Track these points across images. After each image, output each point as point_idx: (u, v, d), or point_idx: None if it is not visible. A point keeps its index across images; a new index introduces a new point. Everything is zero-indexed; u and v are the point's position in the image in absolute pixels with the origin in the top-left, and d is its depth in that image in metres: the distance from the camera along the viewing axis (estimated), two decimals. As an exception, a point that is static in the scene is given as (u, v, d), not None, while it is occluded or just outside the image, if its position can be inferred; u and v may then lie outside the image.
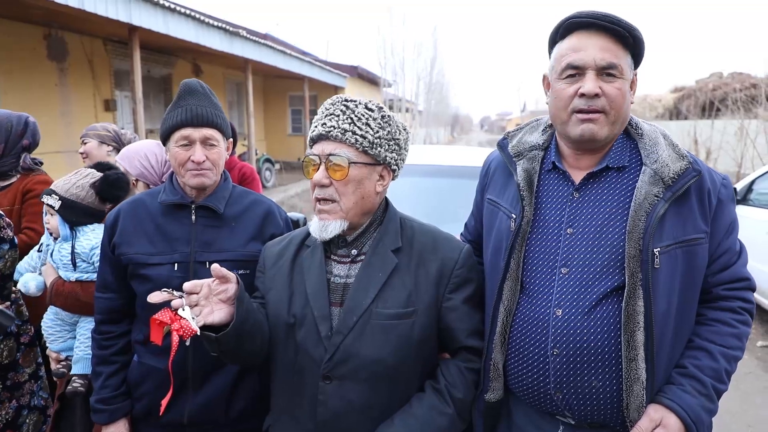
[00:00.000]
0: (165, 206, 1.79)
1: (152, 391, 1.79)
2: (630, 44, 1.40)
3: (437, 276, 1.49)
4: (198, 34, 10.48)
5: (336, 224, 1.45)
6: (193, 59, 14.70)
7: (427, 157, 4.34)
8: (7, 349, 2.29)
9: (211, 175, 1.77)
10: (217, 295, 1.35)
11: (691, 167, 1.39)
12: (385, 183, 1.51)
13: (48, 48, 10.10)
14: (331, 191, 1.44)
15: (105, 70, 11.60)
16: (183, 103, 1.74)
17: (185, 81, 1.81)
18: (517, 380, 1.49)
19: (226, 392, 1.78)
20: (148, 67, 12.63)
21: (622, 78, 1.38)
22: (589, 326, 1.38)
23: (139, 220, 1.78)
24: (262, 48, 13.76)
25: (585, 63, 1.38)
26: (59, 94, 10.39)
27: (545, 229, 1.47)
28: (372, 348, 1.42)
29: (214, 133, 1.76)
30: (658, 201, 1.36)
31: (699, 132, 15.45)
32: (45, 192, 2.18)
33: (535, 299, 1.45)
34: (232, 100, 18.12)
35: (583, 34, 1.40)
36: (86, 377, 2.12)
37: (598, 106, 1.38)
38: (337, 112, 1.45)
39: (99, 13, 7.65)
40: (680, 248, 1.37)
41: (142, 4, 8.64)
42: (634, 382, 1.35)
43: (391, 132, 1.48)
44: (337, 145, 1.43)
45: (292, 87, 19.87)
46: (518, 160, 1.56)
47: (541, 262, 1.46)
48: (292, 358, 1.49)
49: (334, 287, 1.49)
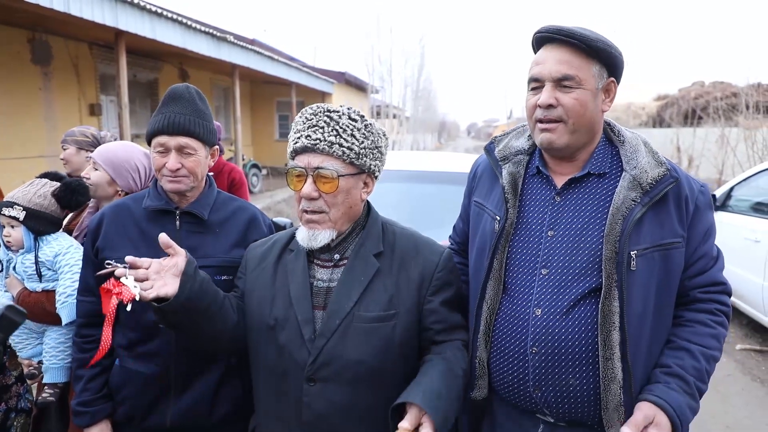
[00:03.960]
0: (149, 212, 1.80)
1: (134, 395, 1.80)
2: (596, 54, 1.44)
3: (419, 279, 1.51)
4: (185, 39, 10.46)
5: (326, 233, 1.48)
6: (179, 64, 14.66)
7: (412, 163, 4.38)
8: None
9: (187, 182, 1.77)
10: (169, 270, 1.41)
11: (669, 174, 1.44)
12: (369, 189, 1.54)
13: (32, 52, 10.01)
14: (321, 203, 1.46)
15: (90, 75, 11.52)
16: (164, 110, 1.75)
17: (173, 86, 1.81)
18: (499, 377, 1.54)
19: (208, 396, 1.79)
20: (134, 72, 12.57)
21: (581, 88, 1.44)
22: (567, 326, 1.43)
23: (122, 225, 1.79)
24: (249, 53, 13.75)
25: (542, 75, 1.46)
26: (43, 99, 10.30)
27: (527, 232, 1.52)
28: (354, 350, 1.45)
29: (191, 141, 1.75)
30: (635, 205, 1.41)
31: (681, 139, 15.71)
32: (2, 204, 2.13)
33: (516, 299, 1.50)
34: (219, 105, 18.07)
35: (548, 48, 1.47)
36: (57, 386, 2.12)
37: (554, 116, 1.45)
38: (321, 123, 1.45)
39: (85, 17, 7.62)
40: (657, 251, 1.42)
41: (129, 8, 8.62)
42: (611, 381, 1.39)
43: (374, 141, 1.50)
44: (324, 158, 1.44)
45: (280, 93, 19.86)
46: (504, 163, 1.61)
47: (522, 263, 1.51)
48: (275, 360, 1.51)
49: (317, 291, 1.51)
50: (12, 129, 9.45)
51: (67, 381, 2.13)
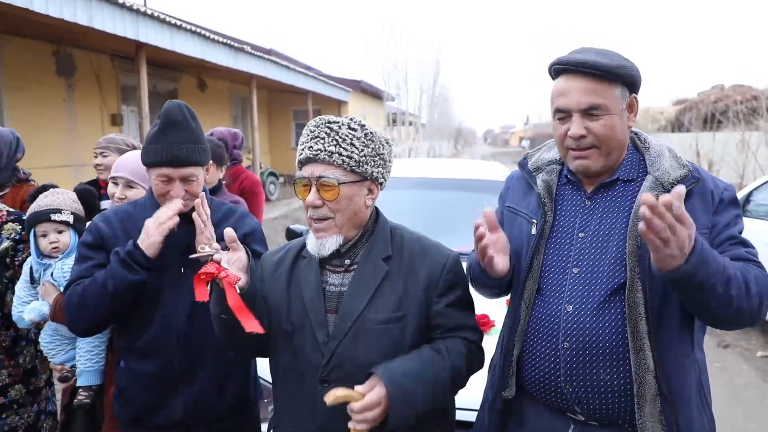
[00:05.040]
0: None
1: (141, 394, 1.87)
2: (618, 78, 1.49)
3: (426, 281, 1.56)
4: (203, 49, 10.65)
5: (332, 240, 1.54)
6: (198, 74, 14.89)
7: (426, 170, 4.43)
8: (29, 354, 2.39)
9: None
10: (234, 264, 1.48)
11: (690, 174, 1.51)
12: (374, 196, 1.58)
13: (56, 64, 10.27)
14: (325, 210, 1.52)
15: (112, 86, 11.78)
16: (164, 139, 1.78)
17: (166, 109, 1.83)
18: (531, 374, 1.60)
19: (214, 388, 1.87)
20: (154, 83, 12.80)
21: (609, 113, 1.49)
22: (598, 321, 1.49)
23: (127, 231, 1.86)
24: (266, 63, 13.93)
25: (569, 107, 1.51)
26: (67, 109, 10.55)
27: (560, 234, 1.61)
28: (366, 352, 1.50)
29: (193, 170, 1.82)
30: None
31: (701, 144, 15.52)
32: (46, 212, 2.19)
33: (549, 297, 1.58)
34: (237, 114, 18.31)
35: (569, 77, 1.52)
36: (91, 388, 2.19)
37: (587, 144, 1.52)
38: (321, 134, 1.52)
39: (107, 31, 7.82)
40: None
41: (149, 21, 8.82)
42: (645, 372, 1.45)
43: (375, 148, 1.55)
44: (325, 167, 1.50)
45: (296, 101, 20.05)
46: (537, 173, 1.70)
47: (555, 263, 1.59)
48: (292, 363, 1.57)
49: (330, 295, 1.57)
50: (38, 139, 9.68)
51: (100, 383, 2.21)
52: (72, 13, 7.15)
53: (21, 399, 2.35)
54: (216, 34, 11.80)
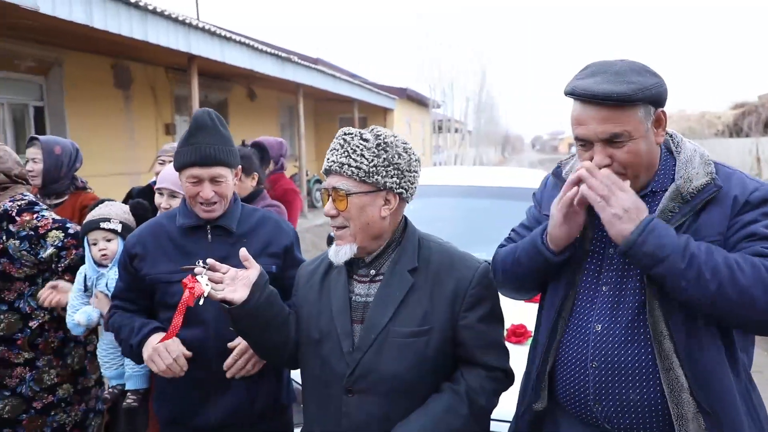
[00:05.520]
0: (183, 228, 1.94)
1: (178, 398, 1.93)
2: (636, 101, 1.39)
3: (452, 295, 1.55)
4: (252, 60, 10.93)
5: (346, 248, 1.55)
6: (248, 84, 15.28)
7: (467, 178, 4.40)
8: (77, 355, 2.51)
9: (219, 208, 1.91)
10: (242, 280, 1.58)
11: (712, 183, 1.44)
12: (391, 207, 1.56)
13: (115, 77, 10.76)
14: (340, 220, 1.55)
15: (166, 96, 12.23)
16: (193, 141, 1.86)
17: (196, 114, 1.93)
18: (562, 390, 1.58)
19: (247, 396, 1.91)
20: (205, 93, 13.21)
21: (632, 139, 1.42)
22: (625, 340, 1.46)
23: (160, 242, 1.93)
24: (312, 72, 14.17)
25: (588, 137, 1.45)
26: (124, 120, 11.02)
27: (595, 250, 1.57)
28: (389, 364, 1.51)
29: (222, 170, 1.88)
30: (672, 216, 1.43)
31: (762, 149, 14.83)
32: (97, 220, 2.29)
33: (581, 315, 1.55)
34: (285, 122, 18.67)
35: (584, 105, 1.43)
36: (138, 392, 2.26)
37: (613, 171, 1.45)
38: (336, 146, 1.55)
39: (161, 44, 8.14)
40: None
41: (201, 34, 9.12)
42: (680, 391, 1.40)
43: (387, 158, 1.53)
44: (338, 178, 1.54)
45: (343, 109, 20.28)
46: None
47: (589, 280, 1.56)
48: (319, 372, 1.59)
49: (356, 305, 1.58)
50: (97, 148, 10.14)
51: (147, 387, 2.28)
52: (129, 28, 7.48)
53: (69, 398, 2.46)
54: (264, 45, 12.10)
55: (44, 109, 9.75)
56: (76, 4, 6.56)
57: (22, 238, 2.32)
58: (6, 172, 2.41)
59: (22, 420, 2.37)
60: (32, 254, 2.33)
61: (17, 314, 2.37)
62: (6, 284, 2.34)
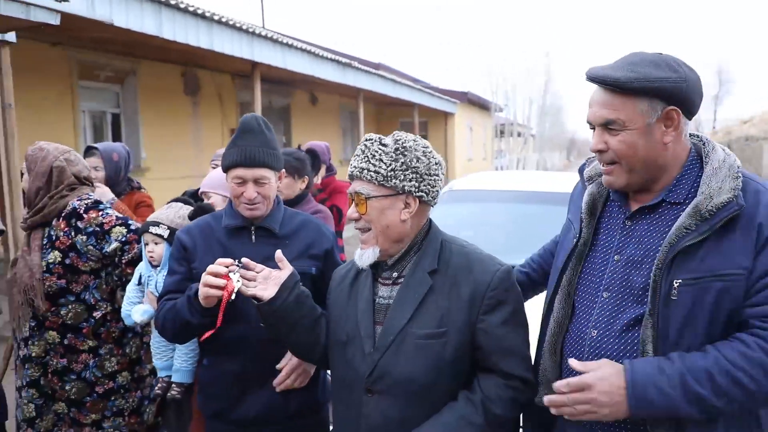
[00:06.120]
0: (229, 229, 2.03)
1: (221, 392, 2.02)
2: (638, 91, 1.36)
3: (469, 298, 1.54)
4: (313, 66, 11.22)
5: (369, 252, 1.60)
6: (310, 89, 15.66)
7: (516, 183, 4.36)
8: (135, 345, 2.69)
9: (262, 208, 1.99)
10: (275, 280, 1.68)
11: (734, 201, 1.33)
12: (411, 210, 1.58)
13: (184, 84, 11.32)
14: (362, 223, 1.60)
15: (231, 102, 12.74)
16: (240, 143, 1.96)
17: (244, 118, 2.02)
18: None
19: (283, 393, 1.98)
20: (269, 98, 13.65)
21: (626, 130, 1.40)
22: (618, 348, 1.43)
23: (207, 241, 2.03)
24: (373, 77, 14.37)
25: (589, 120, 1.48)
26: (192, 125, 11.57)
27: (598, 254, 1.55)
28: (406, 366, 1.53)
29: (265, 172, 1.96)
30: (687, 233, 1.35)
31: None
32: (148, 224, 2.41)
33: (580, 318, 1.54)
34: (346, 126, 18.98)
35: (596, 88, 1.46)
36: (183, 385, 2.38)
37: (608, 159, 1.46)
38: (358, 152, 1.60)
39: (226, 52, 8.52)
40: (711, 281, 1.33)
41: (263, 41, 9.47)
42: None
43: (405, 162, 1.55)
44: (359, 183, 1.59)
45: (404, 113, 20.41)
46: (589, 183, 1.64)
47: (589, 284, 1.54)
48: (344, 373, 1.65)
49: (379, 308, 1.62)
50: (167, 152, 10.72)
51: (191, 382, 2.41)
52: (196, 37, 7.88)
53: (127, 385, 2.64)
54: (326, 51, 12.40)
55: (120, 115, 10.40)
56: (147, 17, 6.97)
57: (89, 234, 2.51)
58: (76, 174, 2.62)
59: (86, 402, 2.56)
60: (98, 249, 2.52)
61: (83, 305, 2.56)
62: (74, 277, 2.54)
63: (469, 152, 25.76)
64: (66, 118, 8.96)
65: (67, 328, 2.54)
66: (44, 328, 2.53)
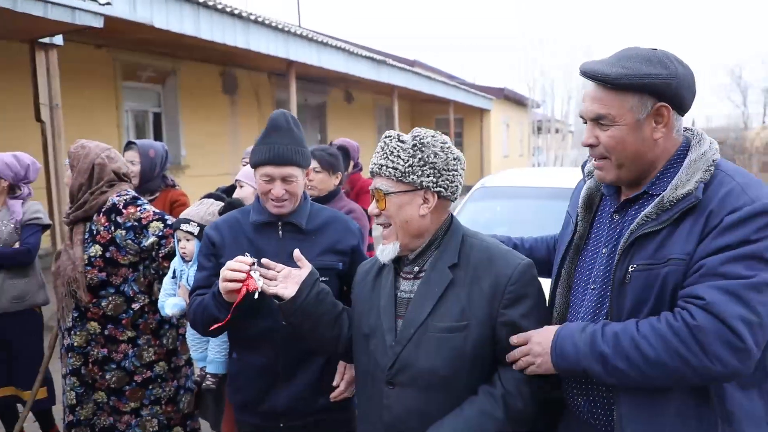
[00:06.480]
0: (256, 224, 2.05)
1: (249, 384, 2.06)
2: (627, 87, 1.38)
3: (490, 292, 1.55)
4: (347, 64, 11.31)
5: (390, 247, 1.61)
6: (345, 87, 15.77)
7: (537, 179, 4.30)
8: (171, 336, 2.78)
9: (289, 205, 2.01)
10: (295, 278, 1.72)
11: (693, 193, 1.36)
12: (430, 205, 1.59)
13: (223, 83, 11.57)
14: (383, 219, 1.62)
15: (268, 100, 12.95)
16: (268, 141, 1.98)
17: (273, 115, 2.03)
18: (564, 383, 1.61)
19: (312, 385, 2.01)
20: (305, 96, 13.82)
21: (615, 125, 1.42)
22: None
23: (236, 236, 2.06)
24: (407, 74, 14.37)
25: (581, 114, 1.49)
26: (230, 123, 11.82)
27: (590, 247, 1.59)
28: (426, 359, 1.55)
29: (293, 170, 1.98)
30: (648, 221, 1.40)
31: None
32: (180, 221, 2.47)
33: (574, 311, 1.58)
34: (381, 124, 19.03)
35: (590, 83, 1.47)
36: (217, 376, 2.45)
37: (598, 154, 1.48)
38: (378, 149, 1.62)
39: (261, 51, 8.68)
40: (660, 268, 1.37)
41: (298, 40, 9.59)
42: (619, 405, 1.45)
43: (423, 158, 1.57)
44: (379, 179, 1.61)
45: (439, 110, 20.34)
46: (588, 178, 1.66)
47: (582, 277, 1.59)
48: (367, 366, 1.67)
49: (401, 301, 1.64)
50: (206, 150, 10.98)
51: (225, 373, 2.46)
52: (233, 37, 8.05)
53: (164, 374, 2.73)
54: (360, 48, 12.46)
55: (161, 114, 10.70)
56: (186, 18, 7.16)
57: (128, 229, 2.60)
58: (116, 170, 2.72)
59: (125, 391, 2.67)
60: (136, 243, 2.61)
61: (122, 297, 2.66)
62: (114, 270, 2.64)
63: (505, 149, 25.47)
64: (110, 118, 9.28)
65: (108, 319, 2.64)
66: (86, 318, 2.64)
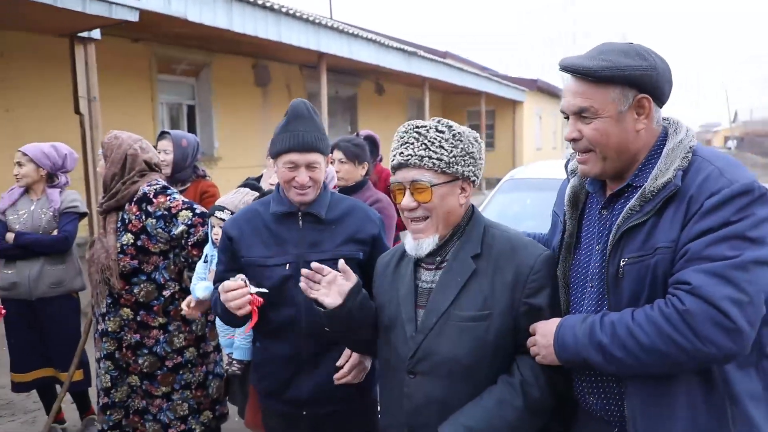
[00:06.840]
0: (276, 215, 2.06)
1: (273, 372, 2.09)
2: (611, 80, 1.38)
3: (512, 281, 1.55)
4: (378, 55, 11.30)
5: (428, 241, 1.59)
6: (376, 79, 15.76)
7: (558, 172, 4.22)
8: (200, 323, 2.84)
9: (312, 193, 2.01)
10: (338, 287, 1.67)
11: (672, 182, 1.36)
12: (467, 194, 1.61)
13: (255, 76, 11.70)
14: (420, 212, 1.58)
15: (300, 93, 13.03)
16: (291, 128, 1.97)
17: (293, 104, 2.03)
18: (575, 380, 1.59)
19: (333, 374, 2.01)
20: (336, 88, 13.87)
21: (598, 117, 1.42)
22: None
23: (255, 228, 2.07)
24: (438, 66, 14.27)
25: (562, 109, 1.48)
26: (261, 115, 11.94)
27: (583, 246, 1.57)
28: (449, 347, 1.55)
29: (317, 157, 1.98)
30: (632, 214, 1.39)
31: None
32: (215, 208, 2.53)
33: (575, 311, 1.56)
34: (412, 115, 18.96)
35: (568, 77, 1.46)
36: (242, 362, 2.50)
37: (582, 148, 1.47)
38: (411, 140, 1.57)
39: (293, 44, 8.75)
40: (649, 258, 1.37)
41: (329, 32, 9.63)
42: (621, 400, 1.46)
43: (464, 148, 1.57)
44: (417, 171, 1.56)
45: (471, 102, 20.14)
46: (572, 176, 1.65)
47: (578, 277, 1.57)
48: (388, 356, 1.69)
49: (421, 292, 1.64)
50: (238, 142, 11.14)
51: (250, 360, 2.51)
52: (264, 30, 8.13)
53: (194, 360, 2.80)
54: (391, 40, 12.43)
55: (195, 107, 10.88)
56: (219, 11, 7.26)
57: (158, 218, 2.67)
58: (147, 161, 2.79)
59: (157, 375, 2.74)
60: (166, 231, 2.67)
61: (153, 284, 2.73)
62: (145, 258, 2.71)
63: (538, 141, 25.10)
64: (146, 110, 9.49)
65: (140, 305, 2.72)
66: (119, 305, 2.73)
